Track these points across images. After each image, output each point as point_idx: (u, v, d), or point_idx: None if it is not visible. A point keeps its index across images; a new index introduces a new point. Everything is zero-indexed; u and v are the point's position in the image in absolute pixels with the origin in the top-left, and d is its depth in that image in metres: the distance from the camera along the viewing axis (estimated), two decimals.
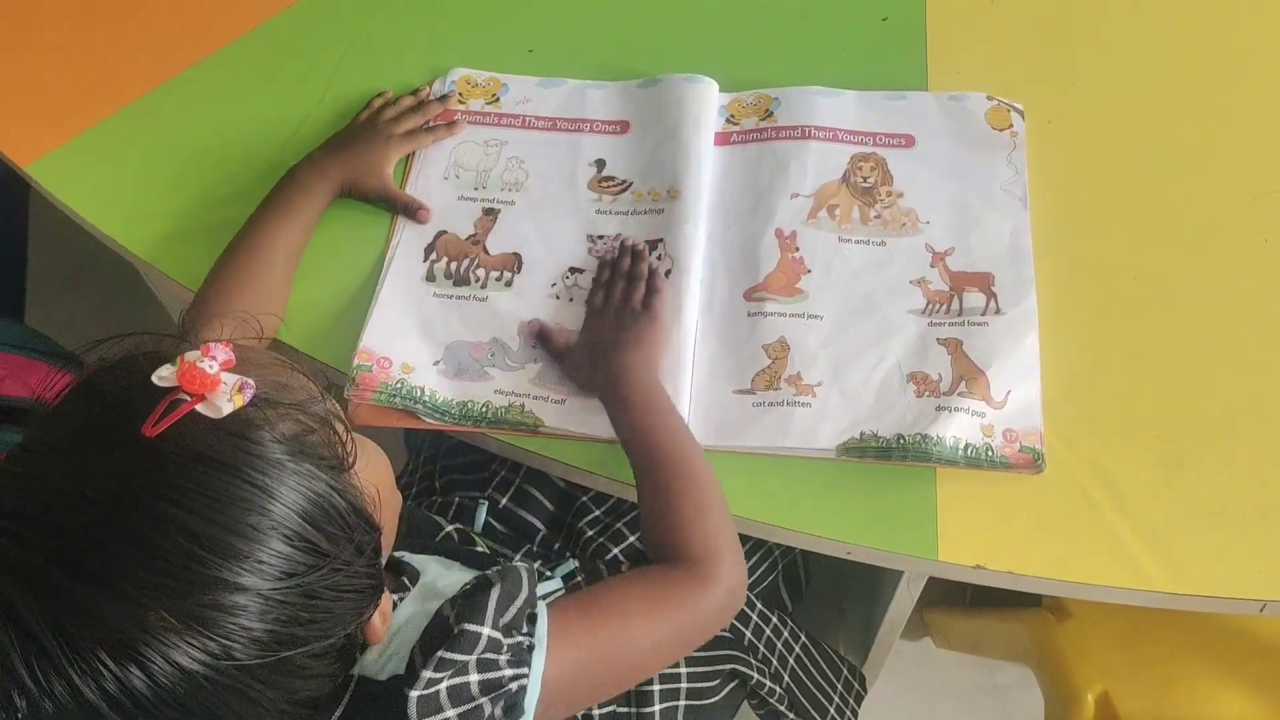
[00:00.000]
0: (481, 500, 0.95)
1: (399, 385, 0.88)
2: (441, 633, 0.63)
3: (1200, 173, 1.00)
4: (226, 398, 0.54)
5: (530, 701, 0.65)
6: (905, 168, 0.99)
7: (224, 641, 0.52)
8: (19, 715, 0.51)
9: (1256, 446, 0.85)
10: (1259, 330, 0.91)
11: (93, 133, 1.04)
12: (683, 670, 0.91)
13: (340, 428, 0.60)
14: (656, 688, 0.90)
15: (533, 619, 0.66)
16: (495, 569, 0.67)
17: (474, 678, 0.63)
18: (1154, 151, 1.01)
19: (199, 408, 0.53)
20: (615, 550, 0.94)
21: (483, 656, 0.63)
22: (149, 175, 1.01)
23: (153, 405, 0.53)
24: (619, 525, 0.95)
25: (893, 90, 1.04)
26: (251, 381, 0.55)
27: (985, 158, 0.99)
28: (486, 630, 0.63)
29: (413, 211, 0.97)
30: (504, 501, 0.95)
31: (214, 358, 0.55)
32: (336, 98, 1.05)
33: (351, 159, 0.97)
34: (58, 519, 0.52)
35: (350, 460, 0.59)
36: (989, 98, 1.02)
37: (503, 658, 0.64)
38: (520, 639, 0.65)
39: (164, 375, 0.54)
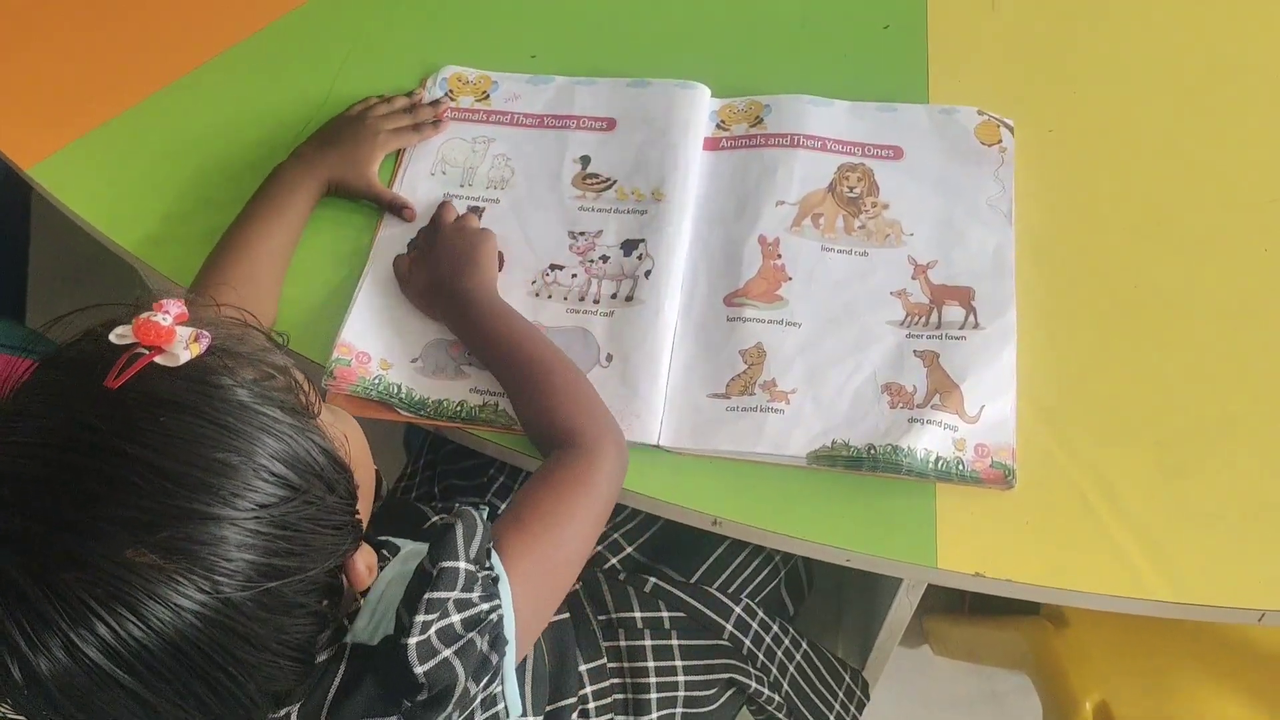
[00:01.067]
0: (481, 506, 0.95)
1: (376, 381, 0.89)
2: (422, 580, 0.65)
3: (1201, 180, 1.00)
4: (183, 346, 0.56)
5: (510, 629, 0.67)
6: (892, 179, 0.99)
7: (206, 574, 0.53)
8: (16, 684, 0.51)
9: (1256, 454, 0.85)
10: (1258, 338, 0.91)
11: (95, 135, 1.05)
12: (680, 679, 0.91)
13: (300, 376, 0.61)
14: (654, 695, 0.90)
15: (488, 553, 0.68)
16: (454, 513, 0.69)
17: (456, 618, 0.64)
18: (1155, 159, 1.01)
19: (157, 359, 0.55)
20: (613, 560, 0.95)
21: (459, 596, 0.64)
22: (151, 178, 1.02)
23: (113, 362, 0.55)
24: (616, 536, 0.96)
25: (894, 98, 1.04)
26: (206, 333, 0.57)
27: (973, 172, 0.99)
28: (462, 565, 0.65)
29: (398, 209, 0.98)
30: (503, 507, 0.95)
31: (167, 312, 0.57)
32: (339, 101, 1.06)
33: (338, 156, 0.98)
34: (28, 472, 0.53)
35: (315, 408, 0.61)
36: (979, 112, 1.02)
37: (476, 594, 0.65)
38: (487, 572, 0.67)
39: (121, 333, 0.56)
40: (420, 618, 0.63)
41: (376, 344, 0.91)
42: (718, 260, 0.95)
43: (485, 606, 0.66)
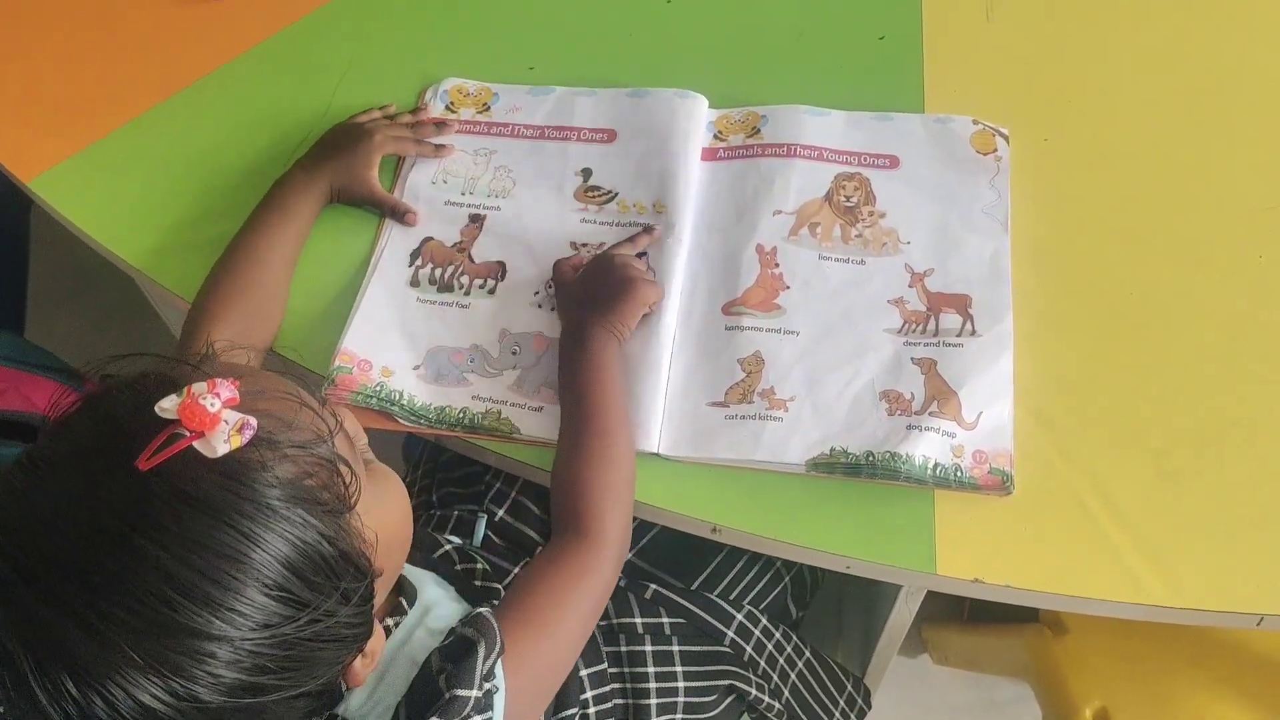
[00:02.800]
0: (480, 514, 0.96)
1: (378, 388, 0.89)
2: (432, 694, 0.64)
3: (1196, 188, 1.00)
4: (224, 438, 0.53)
5: None
6: (889, 188, 0.99)
7: (189, 685, 0.51)
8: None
9: (1253, 460, 0.86)
10: (1255, 344, 0.91)
11: (95, 148, 1.05)
12: (680, 685, 0.91)
13: (344, 469, 0.58)
14: (654, 701, 0.90)
15: (495, 666, 0.68)
16: (472, 620, 0.68)
17: None
18: (1150, 167, 1.02)
19: (195, 444, 0.53)
20: None
21: (460, 718, 0.65)
22: (151, 190, 1.02)
23: (151, 435, 0.53)
24: None
25: (890, 107, 1.05)
26: (253, 421, 0.54)
27: (968, 181, 0.99)
28: (474, 693, 0.65)
29: (400, 214, 0.99)
30: (500, 514, 0.96)
31: (217, 394, 0.54)
32: (339, 113, 1.07)
33: (338, 162, 0.98)
34: (39, 542, 0.52)
35: (352, 501, 0.58)
36: (975, 121, 1.02)
37: (470, 708, 0.65)
38: (490, 685, 0.66)
39: (166, 407, 0.54)
40: None
41: (378, 351, 0.91)
42: (716, 269, 0.96)
43: (478, 719, 0.65)
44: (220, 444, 0.53)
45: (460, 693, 0.64)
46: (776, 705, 0.97)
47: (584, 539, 0.78)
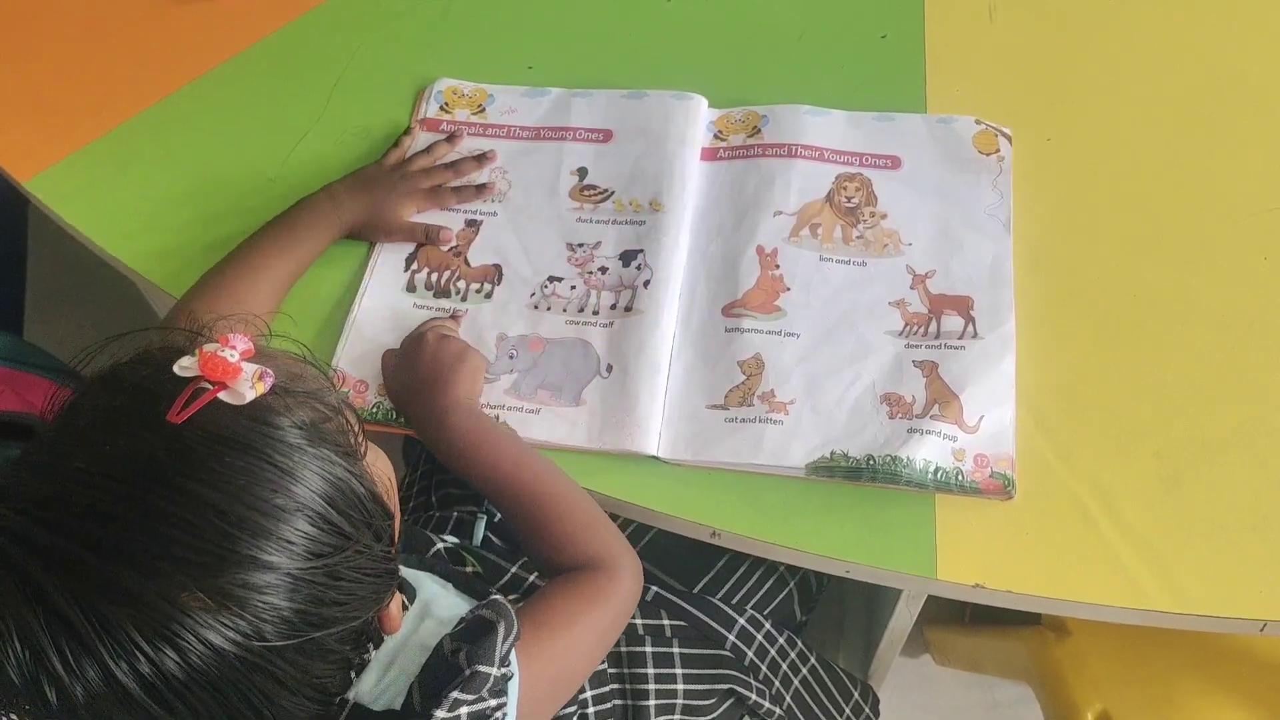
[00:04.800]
0: (480, 514, 0.95)
1: (374, 409, 0.89)
2: (449, 671, 0.65)
3: (1200, 189, 1.00)
4: (249, 385, 0.55)
5: None
6: (890, 189, 0.99)
7: (255, 620, 0.52)
8: (50, 707, 0.51)
9: (1256, 464, 0.85)
10: (1258, 347, 0.91)
11: (92, 148, 1.05)
12: (679, 687, 0.91)
13: (351, 417, 0.61)
14: (652, 702, 0.90)
15: (510, 650, 0.68)
16: (488, 604, 0.69)
17: (464, 710, 0.64)
18: (1154, 168, 1.01)
19: (222, 395, 0.54)
20: None
21: (478, 696, 0.65)
22: (148, 191, 1.02)
23: (175, 393, 0.54)
24: None
25: (892, 107, 1.04)
26: (270, 372, 0.56)
27: (971, 181, 0.99)
28: (494, 671, 0.65)
29: (434, 237, 0.97)
30: (499, 515, 0.95)
31: (234, 347, 0.56)
32: (336, 114, 1.06)
33: (369, 203, 0.96)
34: (84, 500, 0.52)
35: (362, 449, 0.61)
36: (977, 121, 1.02)
37: (487, 689, 0.65)
38: (505, 669, 0.67)
39: (186, 365, 0.55)
40: (441, 714, 0.63)
41: (373, 371, 0.91)
42: (716, 270, 0.95)
43: (493, 703, 0.66)
44: (247, 390, 0.55)
45: (481, 669, 0.65)
46: (777, 711, 0.96)
47: (597, 570, 0.79)
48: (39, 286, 1.43)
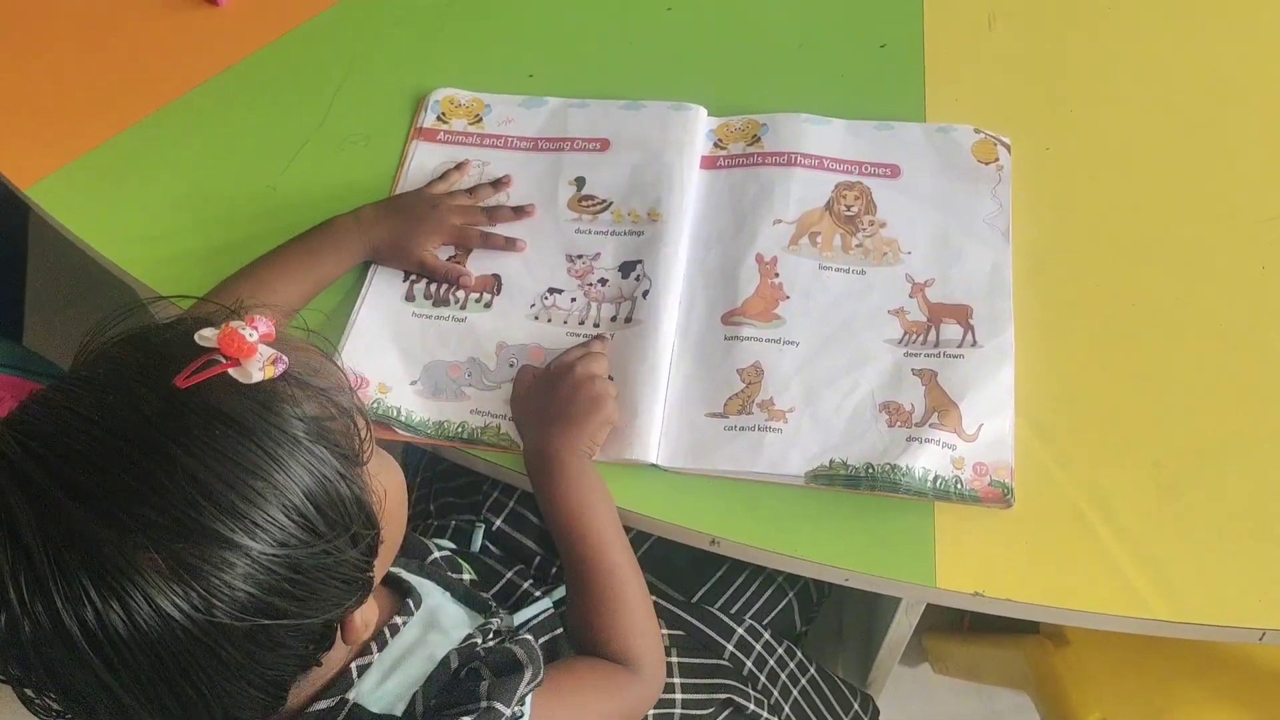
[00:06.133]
0: (478, 523, 0.95)
1: (375, 405, 0.89)
2: (460, 692, 0.67)
3: (1198, 198, 1.00)
4: (259, 366, 0.56)
5: None
6: (889, 198, 0.99)
7: (206, 595, 0.52)
8: None
9: (1254, 472, 0.85)
10: (1256, 356, 0.91)
11: (92, 155, 1.04)
12: (677, 696, 0.91)
13: (361, 422, 0.61)
14: (650, 712, 0.89)
15: (527, 696, 0.70)
16: (521, 642, 0.71)
17: None
18: (1152, 177, 1.02)
19: (231, 371, 0.55)
20: None
21: None
22: (148, 198, 1.02)
23: (190, 361, 0.55)
24: None
25: (891, 116, 1.04)
26: (285, 358, 0.57)
27: (970, 190, 0.99)
28: (507, 711, 0.67)
29: (455, 279, 0.95)
30: (498, 523, 0.95)
31: (255, 328, 0.57)
32: (336, 122, 1.06)
33: (394, 228, 0.95)
34: (73, 443, 0.53)
35: (365, 456, 0.61)
36: (976, 130, 1.02)
37: None
38: (518, 710, 0.68)
39: (205, 335, 0.57)
40: None
41: (374, 367, 0.91)
42: (715, 279, 0.95)
43: None
44: (256, 371, 0.56)
45: (498, 706, 0.66)
46: None
47: (628, 665, 0.80)
48: (39, 293, 1.43)
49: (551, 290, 0.95)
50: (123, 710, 0.54)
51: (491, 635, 0.75)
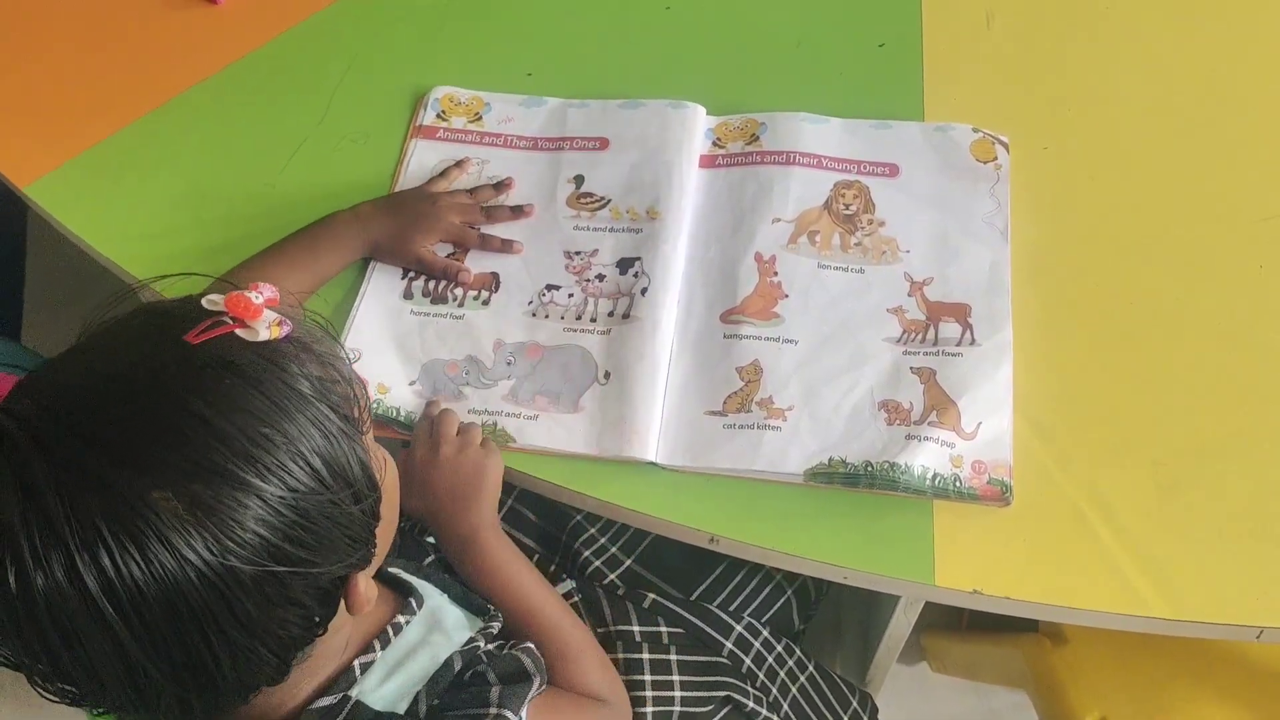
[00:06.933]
0: None
1: (375, 405, 0.89)
2: (475, 699, 0.69)
3: (1197, 198, 1.00)
4: (266, 326, 0.58)
5: None
6: (888, 196, 0.99)
7: (221, 536, 0.53)
8: (10, 593, 0.52)
9: (1253, 471, 0.85)
10: (1254, 355, 0.91)
11: (91, 154, 1.04)
12: (676, 694, 0.91)
13: (360, 392, 0.63)
14: (649, 709, 0.90)
15: (524, 701, 0.71)
16: (526, 650, 0.74)
17: None
18: (1151, 176, 1.02)
19: (239, 331, 0.57)
20: (612, 576, 0.94)
21: None
22: (147, 196, 1.02)
23: (198, 322, 0.57)
24: (614, 550, 0.95)
25: (890, 115, 1.04)
26: (289, 322, 0.59)
27: (968, 189, 0.99)
28: (514, 717, 0.69)
29: (453, 275, 0.95)
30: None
31: (260, 293, 0.59)
32: (334, 120, 1.06)
33: (393, 224, 0.96)
34: (88, 396, 0.55)
35: (365, 426, 0.62)
36: (974, 129, 1.02)
37: None
38: (519, 717, 0.70)
39: (214, 300, 0.59)
40: None
41: (373, 367, 0.91)
42: (714, 277, 0.95)
43: None
44: (263, 330, 0.58)
45: (508, 714, 0.68)
46: (775, 718, 0.96)
47: (604, 703, 0.84)
48: (37, 291, 1.43)
49: (549, 287, 0.95)
50: (131, 674, 0.54)
51: (492, 639, 0.76)
